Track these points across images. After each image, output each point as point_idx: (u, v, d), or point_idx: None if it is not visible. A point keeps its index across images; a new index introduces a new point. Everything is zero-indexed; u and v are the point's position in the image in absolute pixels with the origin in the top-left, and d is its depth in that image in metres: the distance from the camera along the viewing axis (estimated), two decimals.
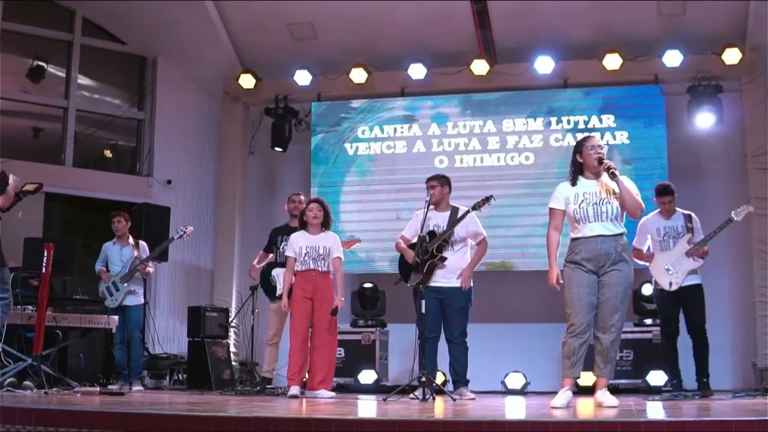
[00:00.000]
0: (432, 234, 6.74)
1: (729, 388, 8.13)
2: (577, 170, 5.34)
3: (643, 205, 5.29)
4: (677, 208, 7.10)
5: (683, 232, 6.96)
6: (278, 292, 7.53)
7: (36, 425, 4.01)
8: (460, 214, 6.75)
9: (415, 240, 6.73)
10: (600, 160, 5.20)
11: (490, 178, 9.23)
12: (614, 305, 5.16)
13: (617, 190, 5.20)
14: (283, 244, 7.61)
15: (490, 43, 9.43)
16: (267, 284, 7.74)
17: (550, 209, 5.38)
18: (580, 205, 5.23)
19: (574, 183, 5.32)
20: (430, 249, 6.65)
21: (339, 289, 6.92)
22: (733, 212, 6.85)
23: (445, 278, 6.71)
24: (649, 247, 7.13)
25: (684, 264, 6.88)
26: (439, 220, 6.80)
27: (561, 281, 5.30)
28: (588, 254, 5.18)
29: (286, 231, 7.66)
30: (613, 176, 5.16)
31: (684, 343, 7.04)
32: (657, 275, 6.99)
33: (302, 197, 7.87)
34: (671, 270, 6.90)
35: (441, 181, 6.89)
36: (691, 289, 6.92)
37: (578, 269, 5.20)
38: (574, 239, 5.29)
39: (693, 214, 7.08)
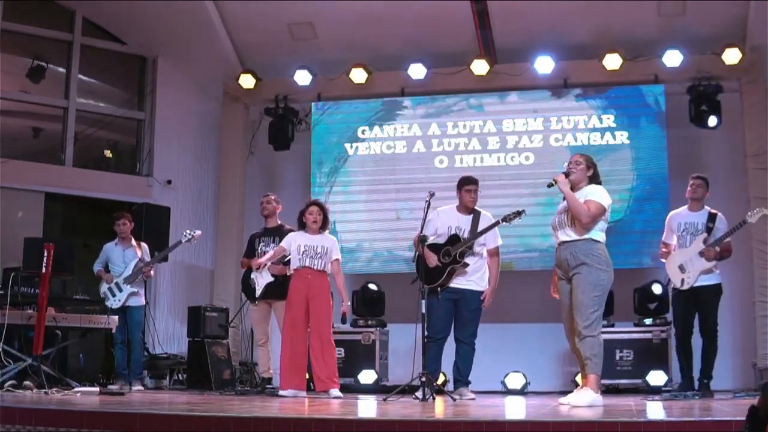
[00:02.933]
0: (454, 237, 6.70)
1: (729, 388, 8.12)
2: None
3: (591, 211, 5.36)
4: (706, 206, 7.05)
5: (702, 230, 6.90)
6: (257, 294, 7.54)
7: (36, 425, 4.01)
8: (484, 221, 6.69)
9: (432, 239, 6.69)
10: (566, 175, 5.52)
11: (490, 178, 9.21)
12: (576, 307, 5.37)
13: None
14: (261, 245, 7.64)
15: (490, 43, 9.43)
16: (247, 288, 7.74)
17: None
18: (555, 216, 5.62)
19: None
20: (453, 253, 6.62)
21: (342, 292, 6.95)
22: (748, 214, 6.83)
23: (462, 280, 6.68)
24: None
25: (697, 263, 6.84)
26: (462, 223, 6.74)
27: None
28: (556, 260, 5.60)
29: (263, 233, 7.75)
30: (550, 186, 5.53)
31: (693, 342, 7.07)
32: (670, 273, 6.98)
33: (272, 197, 7.85)
34: (684, 268, 6.87)
35: (478, 185, 6.84)
36: (706, 290, 6.87)
37: (558, 278, 5.61)
38: None
39: (720, 214, 7.00)
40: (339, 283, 6.96)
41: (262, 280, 7.48)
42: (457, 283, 6.66)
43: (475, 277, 6.71)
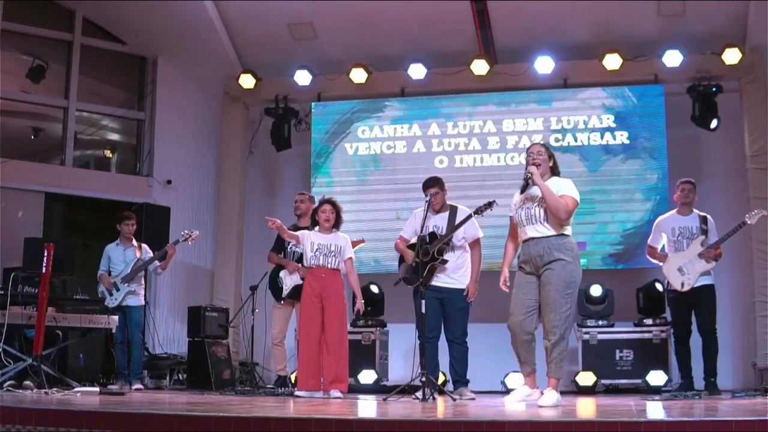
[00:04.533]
0: (432, 236, 6.71)
1: (729, 387, 8.13)
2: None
3: (569, 206, 5.32)
4: (694, 209, 7.15)
5: (698, 233, 7.02)
6: (284, 294, 7.55)
7: (36, 425, 4.00)
8: (461, 217, 6.70)
9: (414, 240, 6.70)
10: (536, 166, 5.43)
11: (490, 178, 9.23)
12: (548, 304, 5.28)
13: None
14: (291, 245, 7.61)
15: (490, 43, 9.44)
16: (275, 285, 7.75)
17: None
18: (517, 210, 5.51)
19: (523, 190, 5.53)
20: (431, 251, 6.64)
21: (356, 290, 6.93)
22: (747, 215, 6.89)
23: (445, 278, 6.69)
24: (663, 246, 7.21)
25: (696, 265, 6.95)
26: (438, 221, 6.76)
27: (508, 284, 5.55)
28: (523, 257, 5.47)
29: (293, 231, 7.68)
30: (528, 180, 5.42)
31: (692, 342, 7.12)
32: (669, 276, 7.08)
33: (307, 196, 7.86)
34: (684, 271, 6.94)
35: (441, 185, 6.81)
36: (703, 290, 6.99)
37: (520, 272, 5.48)
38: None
39: (709, 216, 7.12)
40: (353, 282, 6.94)
41: (290, 281, 7.52)
42: (439, 281, 6.66)
43: (457, 275, 6.71)
